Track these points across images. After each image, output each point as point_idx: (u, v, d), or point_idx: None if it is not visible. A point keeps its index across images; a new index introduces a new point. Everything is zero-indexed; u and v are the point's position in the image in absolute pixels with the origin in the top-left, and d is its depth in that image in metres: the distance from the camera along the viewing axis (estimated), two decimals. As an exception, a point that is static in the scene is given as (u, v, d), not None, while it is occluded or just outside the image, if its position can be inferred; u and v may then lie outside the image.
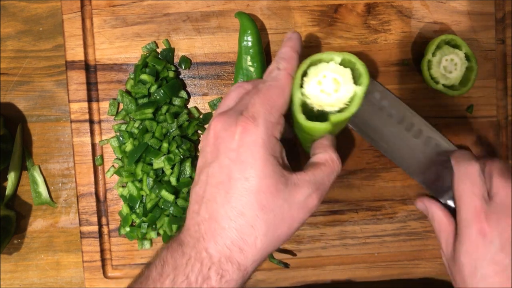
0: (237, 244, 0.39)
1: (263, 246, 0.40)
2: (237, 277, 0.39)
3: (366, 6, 0.58)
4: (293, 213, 0.40)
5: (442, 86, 0.57)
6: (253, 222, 0.39)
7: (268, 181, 0.39)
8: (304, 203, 0.40)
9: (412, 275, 0.61)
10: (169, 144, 0.55)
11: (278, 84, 0.41)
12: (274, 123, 0.41)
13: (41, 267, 0.61)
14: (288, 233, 0.41)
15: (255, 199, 0.39)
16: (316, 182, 0.41)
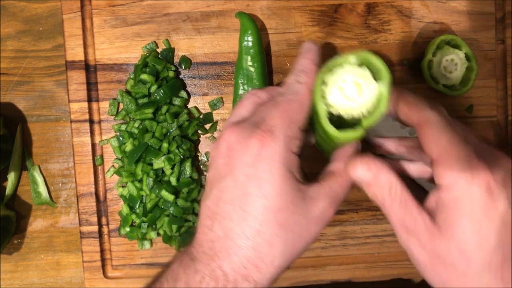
0: (254, 263, 0.38)
1: (280, 264, 0.39)
2: None
3: (366, 6, 0.58)
4: (311, 229, 0.39)
5: (442, 86, 0.57)
6: (271, 241, 0.38)
7: (286, 198, 0.38)
8: (321, 217, 0.40)
9: (412, 275, 0.61)
10: (169, 144, 0.55)
11: (298, 98, 0.40)
12: (292, 138, 0.39)
13: (41, 267, 0.61)
14: (304, 248, 0.40)
15: (273, 218, 0.38)
16: (332, 194, 0.40)
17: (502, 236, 0.37)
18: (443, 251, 0.38)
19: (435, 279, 0.39)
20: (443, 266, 0.38)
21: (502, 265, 0.37)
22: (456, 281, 0.38)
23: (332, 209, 0.40)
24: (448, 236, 0.37)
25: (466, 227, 0.37)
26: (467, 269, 0.37)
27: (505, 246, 0.37)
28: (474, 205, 0.37)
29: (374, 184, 0.40)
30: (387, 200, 0.39)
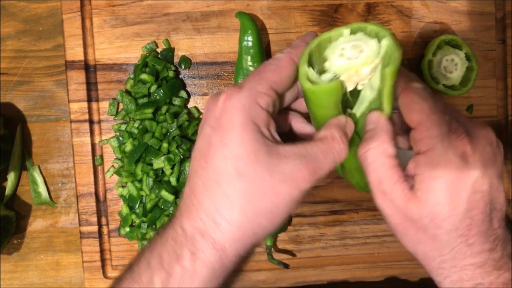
0: (212, 217, 0.36)
1: (241, 221, 0.36)
2: (213, 258, 0.37)
3: (366, 6, 0.58)
4: (276, 185, 0.36)
5: (442, 86, 0.57)
6: (229, 192, 0.36)
7: (247, 148, 0.36)
8: (290, 176, 0.37)
9: (412, 275, 0.61)
10: (169, 144, 0.55)
11: (276, 62, 0.40)
12: (260, 92, 0.38)
13: (41, 267, 0.61)
14: (271, 210, 0.37)
15: (232, 166, 0.36)
16: (307, 155, 0.38)
17: (471, 204, 0.38)
18: (416, 215, 0.39)
19: (406, 240, 0.41)
20: (415, 229, 0.39)
21: (468, 231, 0.39)
22: (425, 243, 0.40)
23: (306, 171, 0.37)
24: (422, 202, 0.38)
25: (440, 193, 0.38)
26: (437, 233, 0.39)
27: (473, 213, 0.39)
28: (448, 170, 0.38)
29: (371, 134, 0.40)
30: (372, 158, 0.39)
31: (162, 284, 0.36)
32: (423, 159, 0.39)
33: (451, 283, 0.40)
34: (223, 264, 0.37)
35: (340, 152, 0.40)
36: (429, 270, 0.42)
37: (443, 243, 0.39)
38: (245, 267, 0.60)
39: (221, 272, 0.38)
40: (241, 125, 0.37)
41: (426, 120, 0.39)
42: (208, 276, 0.37)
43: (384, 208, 0.40)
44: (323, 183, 0.59)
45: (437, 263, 0.40)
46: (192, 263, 0.36)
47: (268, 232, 0.38)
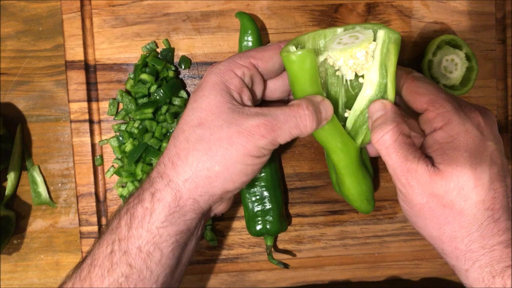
0: (171, 160, 0.40)
1: (194, 162, 0.40)
2: (168, 197, 0.40)
3: (367, 6, 0.58)
4: (232, 135, 0.40)
5: (442, 86, 0.57)
6: (188, 136, 0.40)
7: (211, 102, 0.41)
8: (247, 129, 0.40)
9: (412, 275, 0.61)
10: (169, 144, 0.55)
11: (263, 46, 0.46)
12: (238, 63, 0.43)
13: (40, 267, 0.61)
14: (224, 157, 0.40)
15: (195, 116, 0.41)
16: (269, 115, 0.41)
17: (492, 175, 0.39)
18: (443, 190, 0.39)
19: (430, 224, 0.41)
20: (441, 206, 0.40)
21: (494, 204, 0.39)
22: (452, 222, 0.40)
23: (264, 127, 0.40)
24: (447, 176, 0.39)
25: (464, 163, 0.39)
26: (464, 207, 0.39)
27: (495, 185, 0.39)
28: (469, 141, 0.39)
29: (383, 119, 0.41)
30: (392, 140, 0.40)
31: (127, 226, 0.40)
32: (441, 133, 0.40)
33: (480, 268, 0.39)
34: (179, 205, 0.40)
35: (303, 117, 0.41)
36: (455, 259, 0.41)
37: (471, 218, 0.39)
38: (245, 267, 0.60)
39: (178, 215, 0.40)
40: (211, 84, 0.42)
41: (437, 98, 0.41)
42: (165, 214, 0.39)
43: (408, 188, 0.40)
44: (324, 183, 0.59)
45: (465, 245, 0.40)
46: (151, 203, 0.40)
47: (223, 181, 0.40)
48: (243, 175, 0.41)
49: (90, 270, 0.40)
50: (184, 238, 0.41)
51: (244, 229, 0.58)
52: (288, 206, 0.60)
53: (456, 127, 0.40)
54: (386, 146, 0.41)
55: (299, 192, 0.60)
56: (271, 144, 0.41)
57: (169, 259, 0.41)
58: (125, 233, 0.40)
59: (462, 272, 0.41)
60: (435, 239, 0.42)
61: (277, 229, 0.55)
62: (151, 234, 0.40)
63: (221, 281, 0.60)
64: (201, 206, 0.41)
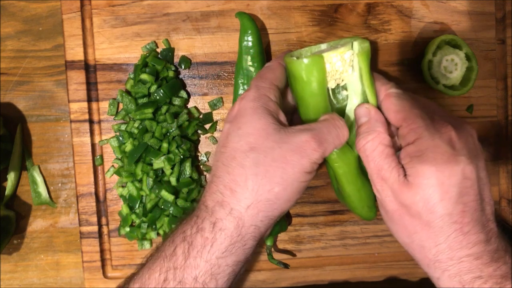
0: (229, 187, 0.40)
1: (254, 187, 0.39)
2: (230, 226, 0.39)
3: (367, 6, 0.58)
4: (286, 154, 0.40)
5: (442, 86, 0.57)
6: (243, 162, 0.40)
7: (257, 126, 0.41)
8: (299, 146, 0.40)
9: (412, 275, 0.61)
10: (169, 144, 0.55)
11: (269, 66, 0.48)
12: (265, 87, 0.44)
13: (41, 267, 0.61)
14: (282, 177, 0.40)
15: (245, 143, 0.41)
16: (313, 130, 0.42)
17: (462, 189, 0.39)
18: (410, 201, 0.40)
19: (401, 230, 0.42)
20: (409, 216, 0.41)
21: (463, 218, 0.39)
22: (420, 232, 0.41)
23: (314, 142, 0.41)
24: (414, 188, 0.40)
25: (430, 176, 0.39)
26: (431, 219, 0.40)
27: (465, 199, 0.40)
28: (437, 155, 0.40)
29: (366, 127, 0.43)
30: (371, 149, 0.42)
31: (184, 255, 0.39)
32: (412, 147, 0.41)
33: (449, 278, 0.40)
34: (241, 234, 0.39)
35: (341, 127, 0.43)
36: (426, 266, 0.42)
37: (438, 230, 0.40)
38: (245, 267, 0.60)
39: (239, 245, 0.39)
40: (252, 110, 0.42)
41: (409, 114, 0.42)
42: (226, 244, 0.39)
43: (382, 194, 0.42)
44: (324, 183, 0.59)
45: (433, 255, 0.41)
46: (212, 233, 0.39)
47: (282, 203, 0.41)
48: (297, 193, 0.42)
49: None
50: (240, 267, 0.41)
51: (244, 229, 0.58)
52: (288, 206, 0.60)
53: (425, 142, 0.40)
54: (366, 154, 0.42)
55: (299, 192, 0.60)
56: (321, 157, 0.42)
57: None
58: (182, 262, 0.39)
59: (435, 280, 0.42)
60: (406, 246, 0.43)
61: (277, 229, 0.55)
62: (209, 265, 0.39)
63: (221, 281, 0.60)
64: (261, 232, 0.41)
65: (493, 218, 0.42)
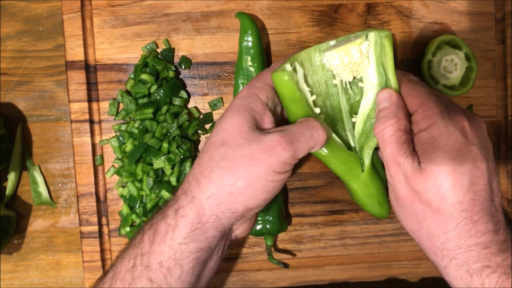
0: (196, 178, 0.42)
1: (217, 179, 0.41)
2: (191, 213, 0.40)
3: (366, 6, 0.58)
4: (254, 152, 0.41)
5: (442, 86, 0.57)
6: (212, 155, 0.42)
7: (234, 122, 0.43)
8: (268, 145, 0.41)
9: (412, 275, 0.61)
10: (169, 144, 0.55)
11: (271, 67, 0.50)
12: (258, 87, 0.45)
13: (41, 267, 0.61)
14: (247, 173, 0.41)
15: (218, 136, 0.43)
16: (284, 131, 0.43)
17: (473, 178, 0.40)
18: (421, 187, 0.41)
19: (410, 217, 0.43)
20: (420, 202, 0.41)
21: (473, 206, 0.40)
22: (429, 218, 0.41)
23: (284, 142, 0.42)
24: (426, 174, 0.40)
25: (442, 164, 0.40)
26: (441, 206, 0.40)
27: (475, 187, 0.40)
28: (450, 143, 0.40)
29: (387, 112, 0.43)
30: (390, 134, 0.43)
31: (149, 241, 0.40)
32: (425, 134, 0.42)
33: (457, 266, 0.40)
34: (201, 222, 0.40)
35: (316, 128, 0.44)
36: (433, 255, 0.42)
37: (448, 217, 0.40)
38: (245, 267, 0.60)
39: (200, 232, 0.41)
40: (235, 107, 0.44)
41: (425, 101, 0.43)
42: (187, 230, 0.40)
43: (395, 179, 0.43)
44: (324, 183, 0.59)
45: (441, 243, 0.41)
46: (174, 219, 0.40)
47: (246, 198, 0.41)
48: (265, 192, 0.42)
49: (112, 283, 0.41)
50: (205, 256, 0.42)
51: (244, 229, 0.58)
52: (288, 206, 0.60)
53: (439, 129, 0.41)
54: (384, 139, 0.43)
55: (299, 192, 0.60)
56: (292, 157, 0.42)
57: (189, 276, 0.41)
58: (148, 248, 0.41)
59: (441, 269, 0.42)
60: (414, 233, 0.44)
61: (277, 229, 0.55)
62: (172, 250, 0.40)
63: (221, 281, 0.60)
64: (223, 223, 0.42)
65: (501, 209, 0.42)
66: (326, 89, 0.49)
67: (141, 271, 0.40)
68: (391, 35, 0.45)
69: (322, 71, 0.48)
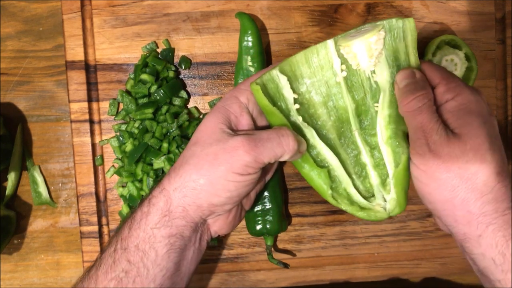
0: (169, 173, 0.46)
1: (183, 174, 0.44)
2: (161, 202, 0.44)
3: (366, 6, 0.58)
4: (218, 152, 0.43)
5: (442, 86, 0.57)
6: (185, 153, 0.46)
7: (208, 124, 0.46)
8: (232, 147, 0.43)
9: (412, 275, 0.61)
10: (169, 144, 0.55)
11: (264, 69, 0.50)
12: (241, 89, 0.48)
13: (41, 267, 0.61)
14: (209, 170, 0.43)
15: (194, 136, 0.46)
16: (251, 135, 0.44)
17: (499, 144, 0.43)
18: (458, 151, 0.41)
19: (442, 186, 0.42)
20: (456, 167, 0.41)
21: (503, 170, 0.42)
22: (466, 183, 0.41)
23: (247, 143, 0.43)
24: (463, 137, 0.41)
25: (479, 127, 0.41)
26: (479, 169, 0.41)
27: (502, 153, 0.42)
28: (479, 109, 0.43)
29: (409, 87, 0.44)
30: (420, 104, 0.43)
31: (128, 227, 0.45)
32: (453, 102, 0.43)
33: (493, 233, 0.40)
34: (169, 210, 0.44)
35: (285, 136, 0.45)
36: (466, 224, 0.42)
37: (486, 180, 0.41)
38: (245, 267, 0.60)
39: (168, 219, 0.44)
40: (213, 109, 0.47)
41: (446, 74, 0.45)
42: (158, 216, 0.44)
43: (428, 147, 0.42)
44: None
45: (478, 208, 0.41)
46: (147, 207, 0.44)
47: (208, 195, 0.44)
48: (226, 191, 0.44)
49: (97, 267, 0.44)
50: (178, 244, 0.44)
51: (244, 229, 0.58)
52: (288, 206, 0.60)
53: (467, 97, 0.43)
54: (414, 108, 0.43)
55: (299, 192, 0.60)
56: (254, 161, 0.43)
57: (164, 260, 0.44)
58: (126, 233, 0.44)
59: (473, 239, 0.42)
60: (446, 203, 0.42)
61: (277, 229, 0.55)
62: (146, 234, 0.44)
63: (221, 281, 0.60)
64: (190, 215, 0.44)
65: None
66: (328, 89, 0.48)
67: (120, 254, 0.44)
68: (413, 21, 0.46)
69: (321, 71, 0.48)
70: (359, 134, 0.49)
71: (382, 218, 0.48)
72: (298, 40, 0.58)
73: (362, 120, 0.49)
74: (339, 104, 0.49)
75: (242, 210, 0.51)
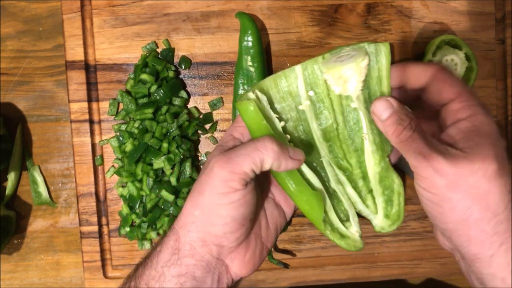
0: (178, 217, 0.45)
1: (184, 210, 0.44)
2: (171, 240, 0.44)
3: (366, 6, 0.58)
4: (201, 178, 0.43)
5: (442, 86, 0.57)
6: (189, 199, 0.45)
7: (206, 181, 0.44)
8: (209, 168, 0.42)
9: (412, 275, 0.61)
10: (169, 144, 0.55)
11: None
12: (234, 126, 0.47)
13: (41, 267, 0.61)
14: (198, 200, 0.43)
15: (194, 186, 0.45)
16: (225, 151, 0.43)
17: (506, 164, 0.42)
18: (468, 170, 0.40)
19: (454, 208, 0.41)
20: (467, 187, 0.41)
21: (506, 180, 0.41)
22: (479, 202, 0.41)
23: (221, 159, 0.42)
24: (472, 157, 0.40)
25: (490, 149, 0.41)
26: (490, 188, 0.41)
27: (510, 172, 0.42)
28: (491, 130, 0.42)
29: (394, 118, 0.43)
30: (409, 133, 0.42)
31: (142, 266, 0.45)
32: (467, 123, 0.42)
33: (505, 252, 0.40)
34: (178, 248, 0.43)
35: (261, 141, 0.42)
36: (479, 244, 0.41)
37: (498, 199, 0.40)
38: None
39: (177, 257, 0.43)
40: (214, 149, 0.46)
41: (463, 90, 0.43)
42: (168, 253, 0.44)
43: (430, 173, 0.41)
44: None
45: (492, 227, 0.40)
46: (160, 246, 0.45)
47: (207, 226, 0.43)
48: (218, 217, 0.42)
49: None
50: (189, 284, 0.43)
51: (244, 229, 0.58)
52: (288, 206, 0.60)
53: (481, 118, 0.42)
54: (407, 137, 0.42)
55: (299, 192, 0.60)
56: (231, 173, 0.41)
57: None
58: (140, 271, 0.44)
59: (485, 259, 0.41)
60: (460, 224, 0.42)
61: (277, 229, 0.55)
62: (157, 273, 0.43)
63: (221, 281, 0.60)
64: (198, 252, 0.43)
65: None
66: (297, 114, 0.46)
67: None
68: (389, 45, 0.44)
69: (290, 97, 0.46)
70: (326, 161, 0.47)
71: (359, 249, 0.47)
72: (298, 40, 0.58)
73: (331, 145, 0.47)
74: (307, 129, 0.47)
75: (263, 247, 0.47)
